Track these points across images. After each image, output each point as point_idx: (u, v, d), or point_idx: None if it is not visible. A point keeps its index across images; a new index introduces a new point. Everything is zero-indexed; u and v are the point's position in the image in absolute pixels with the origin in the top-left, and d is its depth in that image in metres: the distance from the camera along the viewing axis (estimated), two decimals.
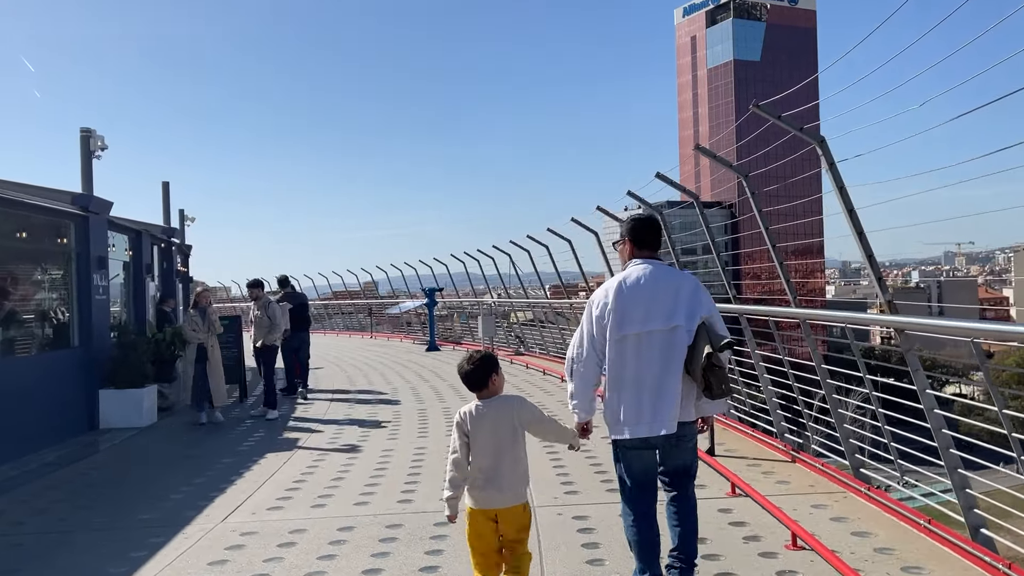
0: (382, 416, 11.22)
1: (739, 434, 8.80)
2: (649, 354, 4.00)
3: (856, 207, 5.31)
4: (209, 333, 11.05)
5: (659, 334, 4.00)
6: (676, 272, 4.30)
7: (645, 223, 4.30)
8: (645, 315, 4.02)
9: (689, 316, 4.02)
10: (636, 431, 4.00)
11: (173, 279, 16.31)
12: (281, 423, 11.02)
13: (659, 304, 4.04)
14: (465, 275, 25.15)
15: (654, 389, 3.97)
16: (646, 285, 4.09)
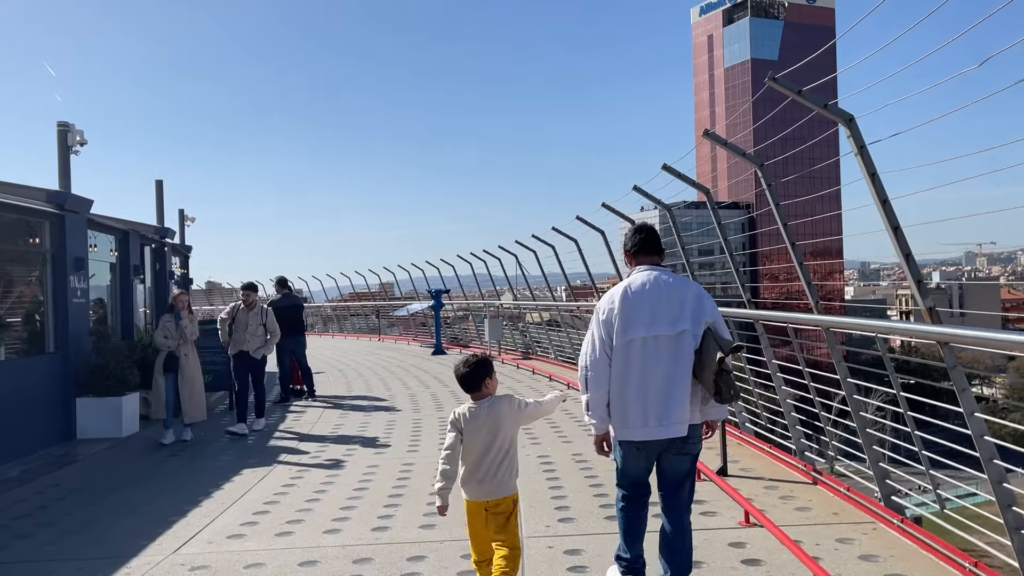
0: (373, 427, 10.57)
1: (755, 450, 8.07)
2: (656, 358, 4.05)
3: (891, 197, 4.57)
4: (182, 340, 10.02)
5: (665, 339, 4.06)
6: (680, 278, 4.32)
7: (641, 232, 4.40)
8: (651, 320, 4.08)
9: (695, 321, 4.08)
10: (643, 434, 4.06)
11: (166, 281, 15.74)
12: (267, 434, 10.39)
13: (664, 309, 4.10)
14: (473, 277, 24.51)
15: (662, 393, 4.02)
16: (651, 291, 4.15)
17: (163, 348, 9.97)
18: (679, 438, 4.05)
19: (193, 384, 10.07)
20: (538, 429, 9.59)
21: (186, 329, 10.00)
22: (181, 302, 10.25)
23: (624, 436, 4.11)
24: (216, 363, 12.93)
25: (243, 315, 10.60)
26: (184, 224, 21.38)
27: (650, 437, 4.04)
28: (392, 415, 11.58)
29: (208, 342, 12.95)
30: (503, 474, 4.21)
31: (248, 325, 10.54)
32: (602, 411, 4.12)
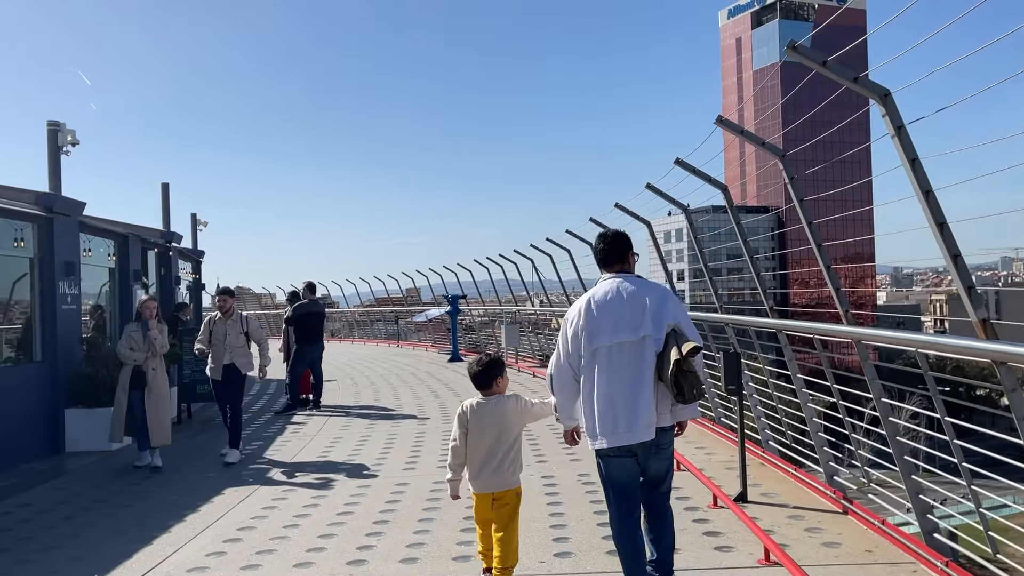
0: (373, 442, 9.99)
1: (779, 471, 7.38)
2: (620, 365, 4.14)
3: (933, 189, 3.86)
4: (151, 353, 8.71)
5: (628, 345, 4.15)
6: (645, 283, 4.36)
7: (606, 241, 4.44)
8: (614, 327, 4.17)
9: (657, 325, 4.15)
10: (613, 440, 4.12)
11: (172, 286, 15.32)
12: (261, 448, 9.85)
13: (627, 316, 4.18)
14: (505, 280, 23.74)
15: (628, 398, 4.09)
16: (614, 299, 4.23)
17: (128, 361, 8.72)
18: (649, 442, 4.13)
19: (159, 403, 8.79)
20: (546, 447, 8.97)
21: (155, 340, 8.73)
22: (149, 309, 8.89)
23: (597, 445, 4.20)
24: None
25: (220, 326, 9.29)
26: (196, 228, 21.10)
27: (619, 443, 4.12)
28: (396, 427, 11.01)
29: None
30: (507, 468, 4.48)
31: (227, 335, 9.19)
32: (568, 410, 4.31)
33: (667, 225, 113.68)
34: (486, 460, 4.47)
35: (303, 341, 13.04)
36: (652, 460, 4.22)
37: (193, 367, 12.42)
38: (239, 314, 9.56)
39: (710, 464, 7.86)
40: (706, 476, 7.25)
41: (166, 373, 9.11)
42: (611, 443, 4.12)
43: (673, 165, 7.20)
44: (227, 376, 9.24)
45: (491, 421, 4.48)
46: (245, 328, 9.37)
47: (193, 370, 12.41)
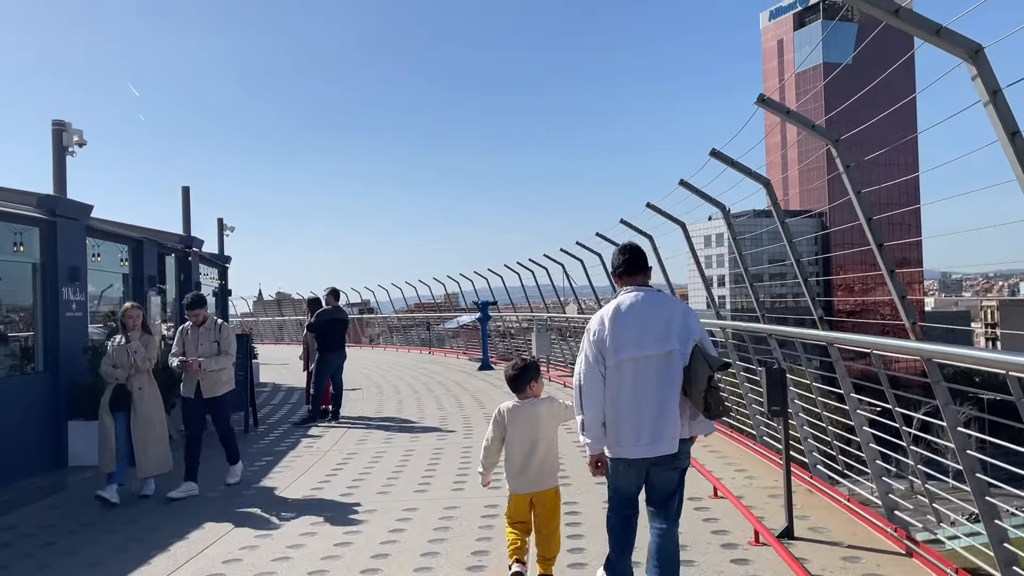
0: (388, 458, 9.37)
1: (829, 500, 6.58)
2: (647, 377, 4.15)
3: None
4: (135, 370, 7.74)
5: (655, 358, 4.16)
6: (666, 298, 4.40)
7: (624, 253, 4.46)
8: (640, 340, 4.18)
9: (683, 340, 4.19)
10: (635, 451, 4.15)
11: (190, 289, 14.89)
12: (268, 465, 9.29)
13: (652, 329, 4.20)
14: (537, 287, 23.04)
15: (654, 411, 4.12)
16: (638, 311, 4.23)
17: (110, 380, 7.74)
18: (670, 454, 4.16)
19: (149, 426, 7.78)
20: (569, 466, 8.26)
21: (137, 355, 7.72)
22: (132, 319, 7.88)
23: (617, 454, 4.21)
24: None
25: (192, 336, 8.19)
26: (223, 233, 20.74)
27: (643, 455, 4.15)
28: (414, 441, 10.39)
29: None
30: (544, 469, 4.63)
31: (199, 346, 8.12)
32: (597, 431, 4.21)
33: (706, 230, 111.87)
34: (523, 462, 4.62)
35: (326, 348, 12.51)
36: (666, 471, 4.24)
37: None
38: (214, 320, 8.39)
39: (751, 491, 7.09)
40: (746, 506, 6.49)
41: (158, 391, 8.05)
42: (633, 454, 4.16)
43: (708, 158, 6.46)
44: (198, 395, 8.13)
45: (526, 424, 4.64)
46: (217, 336, 8.21)
47: None
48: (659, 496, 4.28)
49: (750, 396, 8.85)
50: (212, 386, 8.14)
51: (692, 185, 7.76)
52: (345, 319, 12.95)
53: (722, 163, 6.45)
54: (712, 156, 6.47)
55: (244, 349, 12.17)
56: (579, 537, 5.86)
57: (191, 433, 8.14)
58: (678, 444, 4.15)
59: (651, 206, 9.54)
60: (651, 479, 4.26)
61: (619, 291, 4.46)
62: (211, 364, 8.04)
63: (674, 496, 4.29)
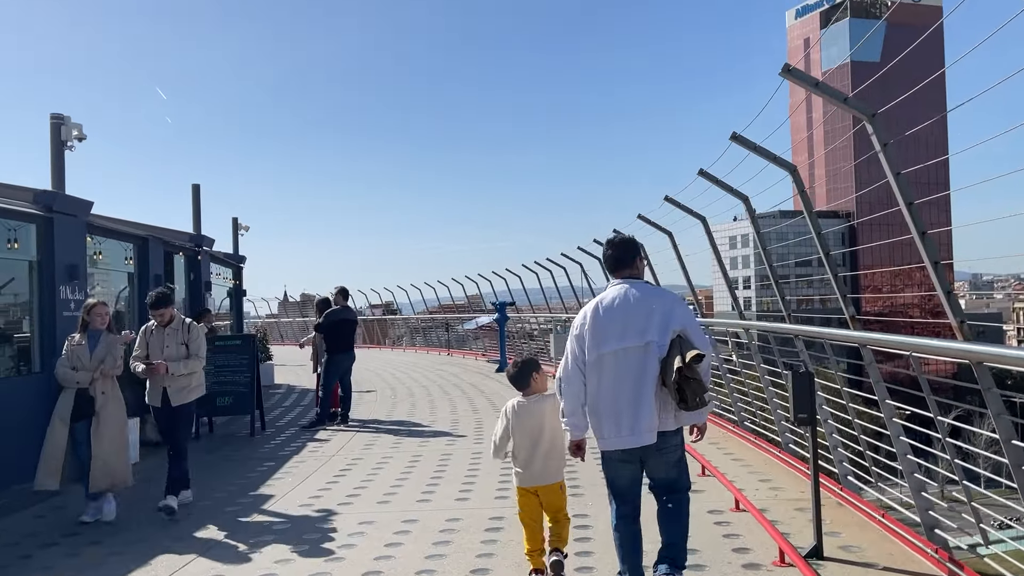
0: (393, 464, 8.97)
1: (862, 515, 6.06)
2: (625, 370, 4.19)
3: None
4: (99, 374, 6.92)
5: (634, 350, 4.20)
6: (654, 290, 4.45)
7: (614, 247, 4.49)
8: (621, 333, 4.22)
9: (662, 331, 4.19)
10: (616, 443, 4.22)
11: (202, 292, 14.64)
12: (268, 472, 8.91)
13: (633, 322, 4.22)
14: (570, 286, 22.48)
15: (630, 403, 4.16)
16: (621, 305, 4.27)
17: (68, 384, 6.90)
18: (651, 446, 4.19)
19: (111, 436, 6.89)
20: (582, 475, 7.79)
21: (104, 359, 6.94)
22: (99, 316, 7.12)
23: (601, 447, 4.32)
24: (237, 382, 11.67)
25: (157, 337, 7.30)
26: (238, 233, 20.52)
27: (622, 446, 4.20)
28: (423, 447, 9.98)
29: (226, 359, 11.73)
30: (549, 463, 4.73)
31: (165, 348, 7.19)
32: (576, 417, 4.31)
33: (731, 230, 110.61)
34: (528, 456, 4.73)
35: (335, 350, 12.15)
36: (656, 463, 4.29)
37: (214, 377, 11.63)
38: (181, 320, 7.48)
39: (776, 504, 6.59)
40: (770, 521, 6.00)
41: (121, 397, 7.13)
42: (614, 445, 4.22)
43: (729, 143, 5.98)
44: (166, 402, 7.19)
45: (531, 419, 4.74)
46: (186, 338, 7.29)
47: (212, 381, 11.61)
48: (659, 486, 4.39)
49: (775, 401, 8.34)
50: (180, 392, 7.20)
51: (712, 175, 7.25)
52: (354, 319, 12.58)
53: (744, 148, 5.96)
54: (733, 141, 5.98)
55: (252, 351, 11.86)
56: (588, 539, 5.42)
57: (178, 444, 7.31)
58: (656, 436, 4.18)
59: (670, 200, 9.03)
60: (647, 471, 4.38)
61: (607, 285, 4.52)
62: (179, 368, 7.12)
63: (674, 484, 4.36)
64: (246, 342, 11.94)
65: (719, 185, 7.25)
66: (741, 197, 7.33)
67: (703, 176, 7.36)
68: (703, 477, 7.58)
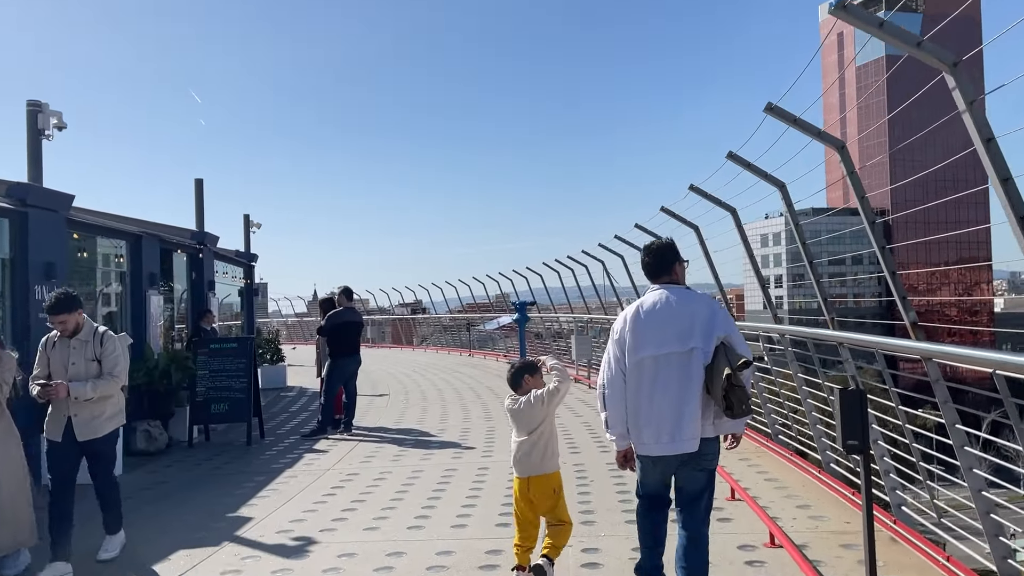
0: (392, 480, 8.19)
1: (921, 555, 5.15)
2: (667, 376, 4.11)
3: None
4: None
5: (676, 356, 4.12)
6: (693, 295, 4.34)
7: (650, 254, 4.43)
8: (661, 338, 4.15)
9: (705, 337, 4.11)
10: (656, 449, 4.14)
11: (204, 292, 13.99)
12: (256, 487, 8.17)
13: (675, 327, 4.16)
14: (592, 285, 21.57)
15: (673, 410, 4.08)
16: (662, 309, 4.22)
17: None
18: (692, 453, 4.11)
19: (11, 484, 5.37)
20: (596, 497, 6.96)
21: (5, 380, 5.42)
22: None
23: (640, 451, 4.21)
24: (232, 388, 10.98)
25: (60, 351, 5.70)
26: (249, 230, 19.93)
27: (663, 453, 4.13)
28: (426, 459, 9.20)
29: (222, 363, 11.05)
30: (542, 456, 4.80)
31: (70, 365, 5.62)
32: (622, 427, 4.22)
33: (763, 228, 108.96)
34: (522, 451, 4.83)
35: (339, 354, 11.41)
36: (692, 471, 4.20)
37: (208, 383, 10.96)
38: (92, 329, 5.77)
39: (817, 537, 5.70)
40: (811, 562, 5.11)
41: (14, 430, 5.50)
42: (655, 451, 4.14)
43: (763, 114, 5.10)
44: (69, 437, 5.60)
45: (521, 417, 4.86)
46: (96, 354, 5.68)
47: (207, 387, 10.94)
48: (685, 497, 4.25)
49: (814, 415, 7.42)
50: (90, 423, 5.62)
51: (743, 158, 6.36)
52: (359, 321, 11.83)
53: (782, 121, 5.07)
54: (768, 113, 5.09)
55: (250, 354, 11.16)
56: (592, 524, 4.59)
57: (57, 488, 5.61)
58: (699, 443, 4.11)
59: (695, 189, 8.14)
60: (678, 479, 4.26)
61: (646, 290, 4.43)
62: (85, 391, 5.51)
63: (701, 496, 4.23)
64: (243, 345, 11.24)
65: (751, 170, 6.35)
66: (777, 184, 6.43)
67: (732, 160, 6.46)
68: (732, 502, 6.71)
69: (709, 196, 8.10)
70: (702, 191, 8.13)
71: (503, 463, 8.56)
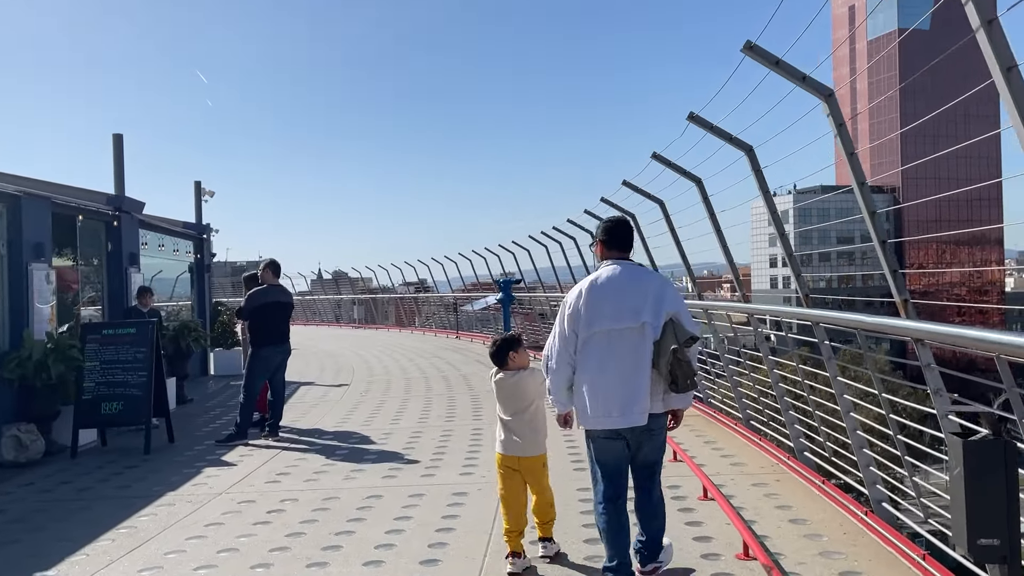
0: (281, 523, 6.18)
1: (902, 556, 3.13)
2: (619, 350, 4.16)
3: None
4: None
5: (628, 331, 4.18)
6: (645, 271, 4.45)
7: (616, 225, 4.48)
8: (614, 313, 4.20)
9: (655, 313, 4.19)
10: (606, 423, 4.18)
11: (123, 266, 11.96)
12: (85, 536, 6.17)
13: (628, 302, 4.21)
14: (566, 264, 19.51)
15: (623, 384, 4.13)
16: (615, 284, 4.26)
17: None
18: (641, 427, 4.18)
19: None
20: None
21: None
22: None
23: (588, 425, 4.25)
24: (128, 384, 8.98)
25: None
26: (201, 199, 17.87)
27: (613, 426, 4.17)
28: (348, 481, 7.19)
29: (116, 353, 9.06)
30: (530, 437, 4.79)
31: None
32: (562, 394, 4.34)
33: (763, 207, 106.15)
34: (507, 430, 4.80)
35: (262, 342, 9.36)
36: (643, 445, 4.27)
37: (98, 377, 8.96)
38: None
39: None
40: None
41: None
42: (604, 425, 4.18)
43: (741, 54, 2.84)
44: None
45: (510, 393, 4.81)
46: None
47: (97, 383, 8.94)
48: (639, 466, 4.35)
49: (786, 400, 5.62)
50: None
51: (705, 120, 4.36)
52: (287, 302, 9.70)
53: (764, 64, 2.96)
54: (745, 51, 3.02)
55: (150, 341, 9.13)
56: None
57: None
58: (647, 418, 4.16)
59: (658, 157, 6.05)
60: (631, 449, 4.27)
61: (599, 264, 4.47)
62: None
63: (654, 466, 4.37)
64: (142, 330, 9.18)
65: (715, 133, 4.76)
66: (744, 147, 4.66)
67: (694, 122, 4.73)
68: (704, 501, 4.70)
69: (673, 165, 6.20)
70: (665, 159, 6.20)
71: (446, 485, 6.82)
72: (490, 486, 6.66)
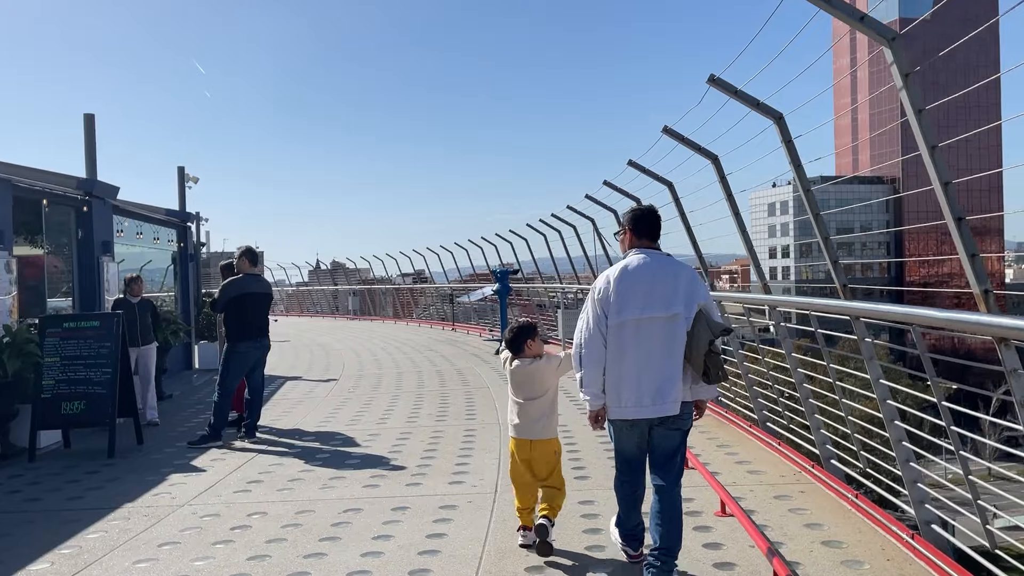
0: (245, 542, 5.51)
1: None
2: (649, 339, 4.11)
3: None
4: None
5: (659, 320, 4.13)
6: (674, 262, 4.36)
7: (645, 214, 4.42)
8: (644, 302, 4.14)
9: (687, 304, 4.15)
10: (637, 412, 4.12)
11: (94, 253, 11.24)
12: (15, 563, 5.50)
13: (658, 291, 4.15)
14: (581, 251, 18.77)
15: (655, 373, 4.08)
16: (645, 273, 4.19)
17: None
18: (671, 416, 4.13)
19: None
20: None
21: None
22: None
23: (617, 415, 4.18)
24: (92, 381, 8.29)
25: None
26: (184, 185, 17.17)
27: (644, 416, 4.12)
28: (325, 491, 6.50)
29: (78, 349, 8.38)
30: (543, 422, 4.80)
31: None
32: (596, 388, 4.19)
33: (771, 196, 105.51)
34: (521, 416, 4.81)
35: (238, 337, 8.65)
36: (667, 433, 4.18)
37: (57, 375, 8.26)
38: None
39: None
40: None
41: None
42: (635, 415, 4.11)
43: None
44: None
45: (524, 380, 4.81)
46: None
47: (57, 380, 8.25)
48: (660, 456, 4.24)
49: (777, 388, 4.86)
50: None
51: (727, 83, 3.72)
52: (266, 293, 8.99)
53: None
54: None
55: (115, 335, 8.44)
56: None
57: None
58: (679, 407, 4.11)
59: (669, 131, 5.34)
60: (652, 440, 4.23)
61: (627, 252, 4.35)
62: None
63: (675, 456, 4.24)
64: (106, 324, 8.49)
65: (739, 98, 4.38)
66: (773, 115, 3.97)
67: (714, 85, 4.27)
68: None
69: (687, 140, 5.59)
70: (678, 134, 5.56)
71: (433, 496, 6.20)
72: (481, 497, 6.02)
